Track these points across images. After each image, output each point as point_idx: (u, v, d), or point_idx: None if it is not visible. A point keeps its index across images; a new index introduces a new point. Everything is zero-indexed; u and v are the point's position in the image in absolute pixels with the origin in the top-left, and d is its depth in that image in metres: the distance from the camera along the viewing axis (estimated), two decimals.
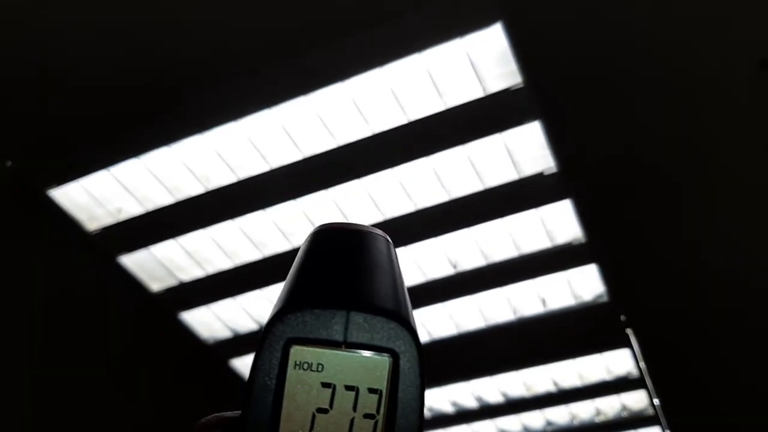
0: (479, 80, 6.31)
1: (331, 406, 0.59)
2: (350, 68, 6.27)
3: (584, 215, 7.23)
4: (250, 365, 0.62)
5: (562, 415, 9.80)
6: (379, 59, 6.19)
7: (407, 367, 0.60)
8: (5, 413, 8.37)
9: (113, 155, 7.02)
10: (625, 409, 9.61)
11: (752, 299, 7.39)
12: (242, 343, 8.92)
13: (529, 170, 6.96)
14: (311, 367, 0.59)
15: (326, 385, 0.59)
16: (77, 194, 7.33)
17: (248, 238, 7.80)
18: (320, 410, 0.59)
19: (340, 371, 0.59)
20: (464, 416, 9.88)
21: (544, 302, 8.33)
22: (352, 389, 0.59)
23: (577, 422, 9.85)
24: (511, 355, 9.02)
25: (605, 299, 8.13)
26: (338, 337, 0.59)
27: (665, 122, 6.32)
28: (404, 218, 7.44)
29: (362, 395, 0.59)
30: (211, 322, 8.80)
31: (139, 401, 8.89)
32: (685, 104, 6.16)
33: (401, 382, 0.60)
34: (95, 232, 7.66)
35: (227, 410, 0.63)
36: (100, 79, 6.29)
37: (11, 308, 7.85)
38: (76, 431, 8.84)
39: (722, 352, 7.97)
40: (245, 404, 0.58)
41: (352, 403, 0.59)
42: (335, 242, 0.65)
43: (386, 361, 0.60)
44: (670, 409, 9.10)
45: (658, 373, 8.70)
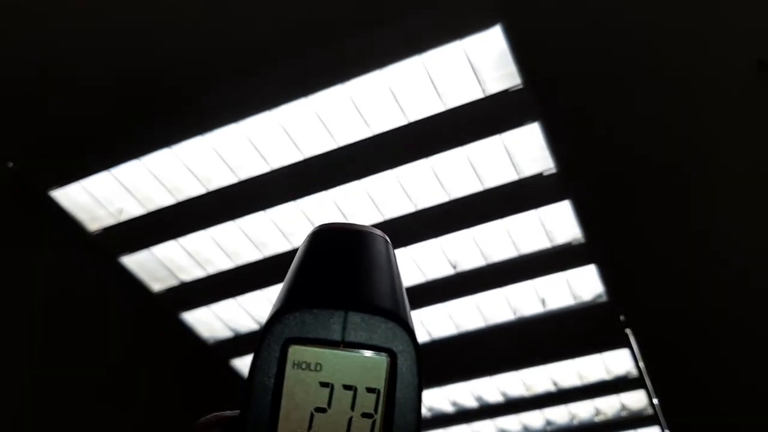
0: (479, 81, 6.31)
1: (329, 405, 0.59)
2: (350, 69, 6.27)
3: (583, 215, 7.23)
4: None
5: (561, 414, 9.79)
6: (379, 60, 6.19)
7: (405, 366, 0.60)
8: (4, 413, 8.37)
9: (114, 156, 7.02)
10: (624, 408, 9.59)
11: (752, 299, 7.38)
12: (243, 343, 8.91)
13: (528, 171, 6.95)
14: (309, 366, 0.59)
15: (324, 384, 0.59)
16: (78, 195, 7.33)
17: (249, 238, 7.80)
18: (318, 410, 0.59)
19: (338, 371, 0.59)
20: (464, 416, 9.87)
21: (543, 302, 8.32)
22: (350, 389, 0.59)
23: (576, 422, 9.84)
24: (510, 355, 9.01)
25: (604, 299, 8.12)
26: (336, 336, 0.60)
27: (665, 123, 6.32)
28: (404, 219, 7.43)
29: (360, 395, 0.59)
30: (211, 322, 8.80)
31: (139, 401, 8.89)
32: (684, 105, 6.16)
33: (399, 381, 0.60)
34: (96, 232, 7.66)
35: (228, 410, 0.63)
36: (100, 80, 6.29)
37: (12, 308, 7.84)
38: (76, 431, 8.84)
39: (722, 351, 7.96)
40: (244, 404, 0.59)
41: (350, 402, 0.59)
42: (334, 242, 0.65)
43: (384, 360, 0.60)
44: (669, 408, 9.09)
45: (657, 372, 8.69)
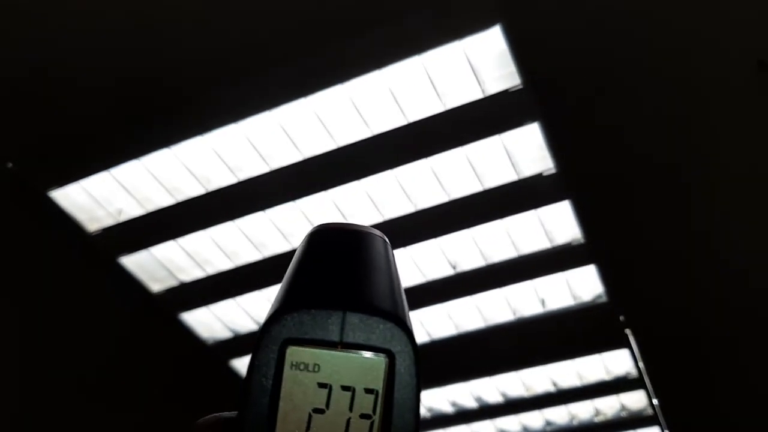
0: (478, 82, 6.31)
1: (327, 406, 0.59)
2: (350, 69, 6.27)
3: (583, 216, 7.23)
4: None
5: (561, 415, 9.79)
6: (378, 60, 6.19)
7: (403, 367, 0.60)
8: (3, 412, 8.37)
9: (113, 156, 7.01)
10: (624, 409, 9.59)
11: (752, 299, 7.38)
12: (242, 343, 8.91)
13: (528, 171, 6.95)
14: (308, 367, 0.59)
15: (323, 385, 0.59)
16: (78, 195, 7.33)
17: (248, 238, 7.80)
18: (317, 410, 0.59)
19: (336, 371, 0.59)
20: (464, 416, 9.87)
21: (543, 302, 8.32)
22: (348, 389, 0.59)
23: (576, 422, 9.84)
24: (510, 355, 9.01)
25: (604, 299, 8.12)
26: (334, 337, 0.59)
27: (665, 123, 6.31)
28: (404, 219, 7.43)
29: (358, 395, 0.59)
30: (211, 322, 8.79)
31: (139, 401, 8.88)
32: (685, 105, 6.15)
33: (397, 382, 0.59)
34: (96, 233, 7.65)
35: (228, 410, 0.63)
36: (100, 79, 6.28)
37: (11, 308, 7.84)
38: (75, 431, 8.84)
39: (722, 352, 7.96)
40: (242, 405, 0.58)
41: (348, 403, 0.59)
42: (332, 242, 0.65)
43: (382, 361, 0.59)
44: (669, 409, 9.09)
45: (657, 373, 8.68)
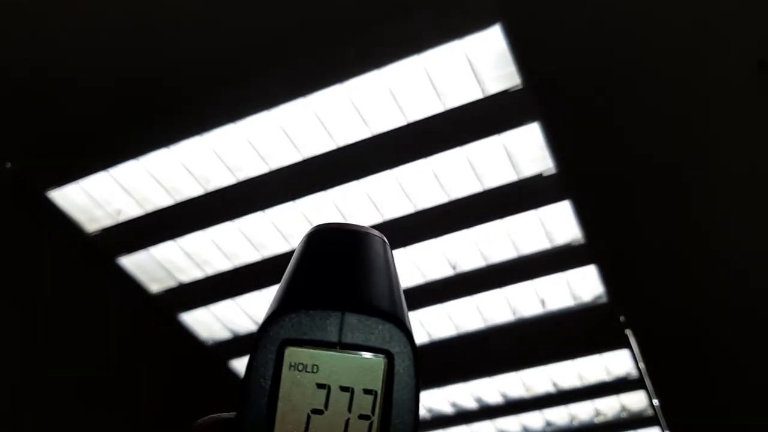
0: (478, 82, 6.31)
1: (326, 407, 0.58)
2: (349, 69, 6.27)
3: (583, 216, 7.23)
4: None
5: (561, 415, 9.79)
6: (378, 60, 6.19)
7: (402, 367, 0.59)
8: (3, 412, 8.37)
9: (113, 156, 7.01)
10: (624, 409, 9.59)
11: (752, 299, 7.38)
12: (241, 343, 8.91)
13: (528, 171, 6.95)
14: (306, 368, 0.58)
15: (321, 386, 0.58)
16: (77, 195, 7.33)
17: (247, 239, 7.80)
18: (315, 411, 0.58)
19: (335, 372, 0.59)
20: (464, 417, 9.87)
21: (543, 303, 8.32)
22: (347, 390, 0.59)
23: (576, 423, 9.84)
24: (510, 355, 9.01)
25: (604, 300, 8.12)
26: (333, 338, 0.59)
27: (665, 123, 6.31)
28: (403, 219, 7.43)
29: (357, 396, 0.59)
30: (210, 323, 8.80)
31: (138, 401, 8.89)
32: (685, 105, 6.16)
33: (396, 382, 0.59)
34: (95, 233, 7.65)
35: (227, 411, 0.63)
36: (100, 80, 6.29)
37: (11, 308, 7.84)
38: (75, 431, 8.84)
39: (722, 352, 7.96)
40: (240, 405, 0.58)
41: (347, 403, 0.59)
42: (331, 243, 0.64)
43: (381, 362, 0.59)
44: (669, 409, 9.09)
45: (657, 373, 8.69)
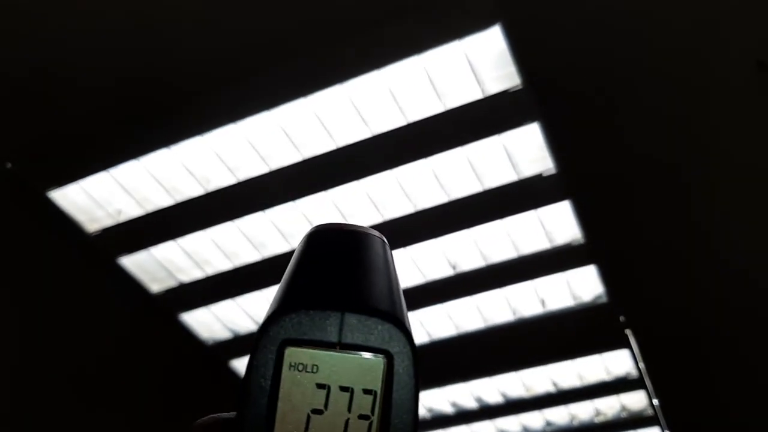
0: (478, 82, 6.31)
1: (325, 407, 0.58)
2: (349, 70, 6.27)
3: (583, 216, 7.23)
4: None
5: (561, 415, 9.79)
6: (378, 61, 6.19)
7: (402, 368, 0.59)
8: (3, 412, 8.37)
9: (113, 156, 7.02)
10: (624, 409, 9.60)
11: (752, 299, 7.38)
12: (242, 343, 8.91)
13: (528, 171, 6.95)
14: (306, 368, 0.59)
15: (321, 386, 0.59)
16: (77, 196, 7.33)
17: (248, 239, 7.80)
18: (315, 411, 0.58)
19: (334, 372, 0.59)
20: (464, 417, 9.87)
21: (543, 303, 8.33)
22: (346, 390, 0.59)
23: (576, 423, 9.84)
24: (510, 355, 9.02)
25: (604, 300, 8.12)
26: (333, 338, 0.59)
27: (665, 123, 6.32)
28: (403, 219, 7.43)
29: (357, 396, 0.59)
30: (210, 322, 8.80)
31: (138, 401, 8.89)
32: (685, 105, 6.16)
33: (396, 382, 0.59)
34: (95, 233, 7.66)
35: (227, 411, 0.63)
36: (100, 80, 6.29)
37: (11, 309, 7.84)
38: (75, 431, 8.85)
39: (722, 352, 7.96)
40: (240, 405, 0.58)
41: (346, 403, 0.59)
42: (330, 243, 0.64)
43: (381, 362, 0.59)
44: (669, 409, 9.09)
45: (657, 373, 8.69)
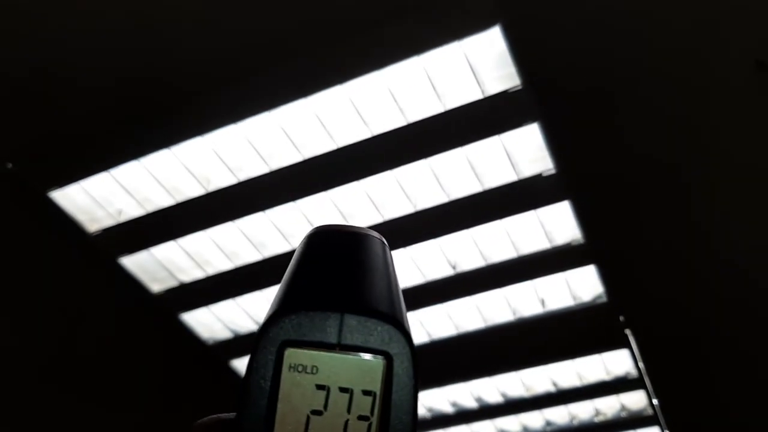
0: (478, 82, 6.31)
1: (325, 407, 0.59)
2: (349, 70, 6.27)
3: (583, 216, 7.23)
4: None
5: (561, 415, 9.79)
6: (378, 61, 6.19)
7: (401, 369, 0.60)
8: (3, 412, 8.38)
9: (113, 156, 7.02)
10: (624, 409, 9.60)
11: (752, 299, 7.38)
12: (242, 343, 8.91)
13: (527, 171, 6.96)
14: (306, 369, 0.59)
15: (320, 387, 0.59)
16: (78, 196, 7.33)
17: (248, 239, 7.80)
18: (315, 412, 0.59)
19: (334, 373, 0.59)
20: (464, 416, 9.87)
21: (543, 303, 8.33)
22: (346, 391, 0.59)
23: (576, 422, 9.84)
24: (510, 355, 9.02)
25: (604, 300, 8.13)
26: (332, 339, 0.59)
27: (665, 123, 6.32)
28: (403, 219, 7.43)
29: (356, 397, 0.59)
30: (211, 323, 8.80)
31: (138, 401, 8.89)
32: (685, 105, 6.16)
33: (395, 384, 0.59)
34: (96, 233, 7.66)
35: (228, 411, 0.63)
36: (100, 80, 6.29)
37: (12, 309, 7.85)
38: (75, 430, 8.85)
39: (722, 352, 7.96)
40: (240, 406, 0.58)
41: (346, 404, 0.59)
42: (330, 244, 0.65)
43: (380, 363, 0.59)
44: (669, 409, 9.09)
45: (657, 373, 8.69)
